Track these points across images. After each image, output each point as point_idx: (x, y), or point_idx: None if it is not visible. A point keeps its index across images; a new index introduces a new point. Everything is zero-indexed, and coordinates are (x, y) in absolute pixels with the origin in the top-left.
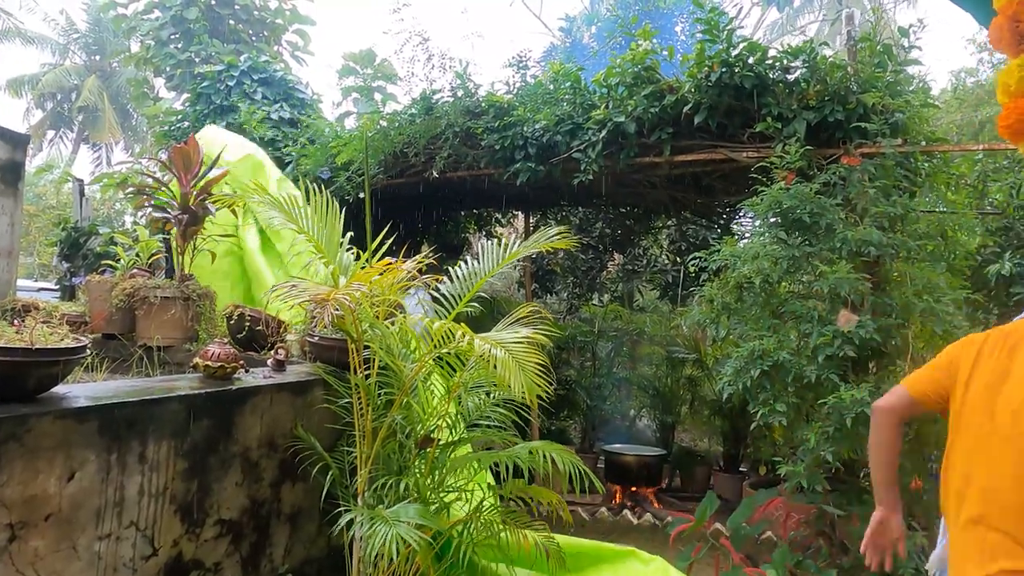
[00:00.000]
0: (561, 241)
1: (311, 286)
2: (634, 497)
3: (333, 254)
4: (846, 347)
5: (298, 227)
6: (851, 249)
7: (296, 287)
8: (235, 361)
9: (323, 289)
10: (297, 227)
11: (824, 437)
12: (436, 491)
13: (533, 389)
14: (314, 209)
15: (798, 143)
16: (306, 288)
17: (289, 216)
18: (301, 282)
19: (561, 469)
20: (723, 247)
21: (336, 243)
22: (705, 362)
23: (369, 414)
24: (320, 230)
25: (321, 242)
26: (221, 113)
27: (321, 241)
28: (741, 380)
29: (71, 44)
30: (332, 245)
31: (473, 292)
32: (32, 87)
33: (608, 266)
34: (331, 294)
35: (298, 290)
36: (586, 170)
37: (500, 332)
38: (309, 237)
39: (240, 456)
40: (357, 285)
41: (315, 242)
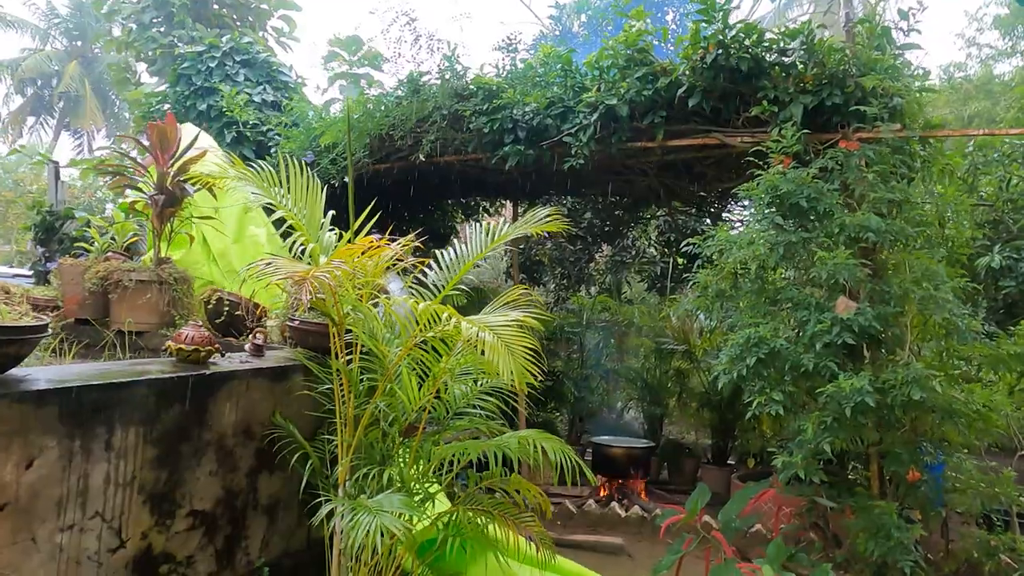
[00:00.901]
0: (551, 224)
1: (289, 264)
2: (622, 489)
3: (314, 233)
4: (844, 334)
5: (276, 203)
6: (849, 235)
7: (272, 265)
8: (210, 345)
9: (302, 267)
10: (275, 203)
11: (822, 427)
12: (420, 481)
13: (523, 374)
14: (294, 186)
15: (795, 127)
16: (282, 266)
17: (267, 191)
18: (277, 259)
19: (552, 459)
20: (718, 232)
21: (317, 222)
22: (694, 354)
23: (351, 401)
24: (301, 208)
25: (302, 220)
26: (202, 95)
27: (302, 220)
28: (736, 368)
29: (52, 29)
30: (313, 224)
31: (459, 275)
32: (12, 72)
33: (596, 257)
34: (310, 272)
35: (274, 268)
36: (577, 154)
37: (489, 315)
38: (288, 214)
39: (214, 444)
40: (338, 263)
41: (295, 220)
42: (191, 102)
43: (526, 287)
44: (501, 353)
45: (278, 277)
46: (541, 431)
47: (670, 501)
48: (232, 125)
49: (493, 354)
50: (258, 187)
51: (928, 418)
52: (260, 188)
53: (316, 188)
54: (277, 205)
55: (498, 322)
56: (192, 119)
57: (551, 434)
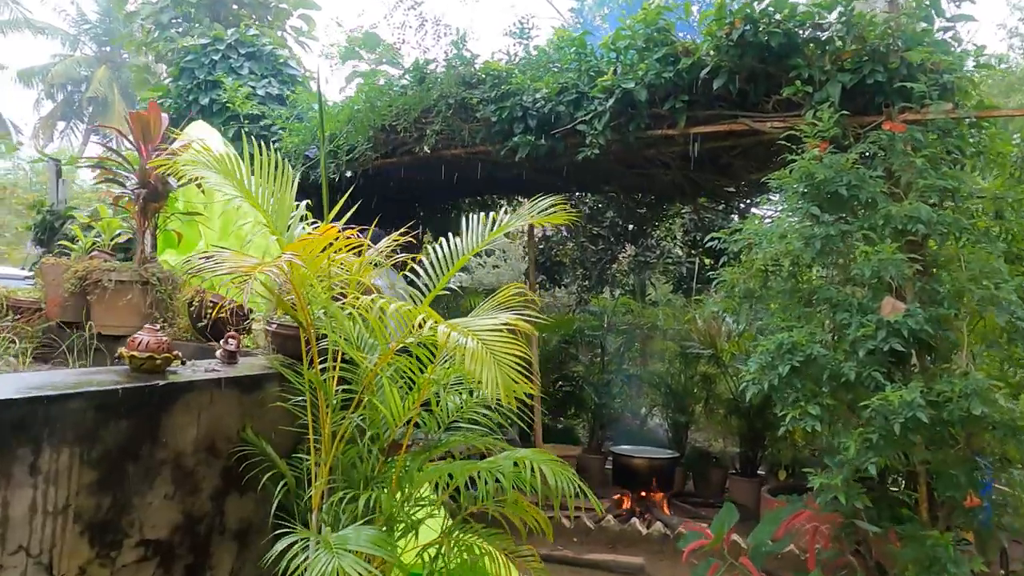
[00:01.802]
0: (557, 215)
1: (234, 258)
2: (644, 503)
3: (283, 223)
4: (891, 340)
5: (238, 187)
6: (895, 227)
7: (215, 258)
8: (167, 351)
9: (249, 261)
10: (236, 187)
11: (866, 445)
12: (402, 507)
13: (511, 386)
14: (259, 168)
15: (832, 109)
16: (226, 260)
17: (228, 173)
18: (221, 252)
19: (553, 485)
20: (746, 225)
21: (287, 210)
22: (721, 358)
23: (328, 416)
24: (267, 193)
25: (268, 208)
26: (206, 89)
27: (268, 207)
28: (767, 378)
29: (81, 35)
30: (282, 213)
31: (452, 273)
32: (43, 78)
33: (619, 258)
34: (256, 267)
35: (215, 261)
36: (591, 143)
37: (476, 318)
38: (251, 200)
39: (170, 464)
40: (289, 256)
41: (259, 206)
42: (194, 96)
43: (521, 285)
44: (485, 362)
45: (219, 273)
46: (540, 451)
47: (695, 515)
48: (235, 120)
49: (476, 363)
50: (217, 172)
51: (986, 435)
52: (218, 173)
53: (287, 177)
54: (241, 189)
55: (484, 326)
56: (195, 114)
57: (569, 443)
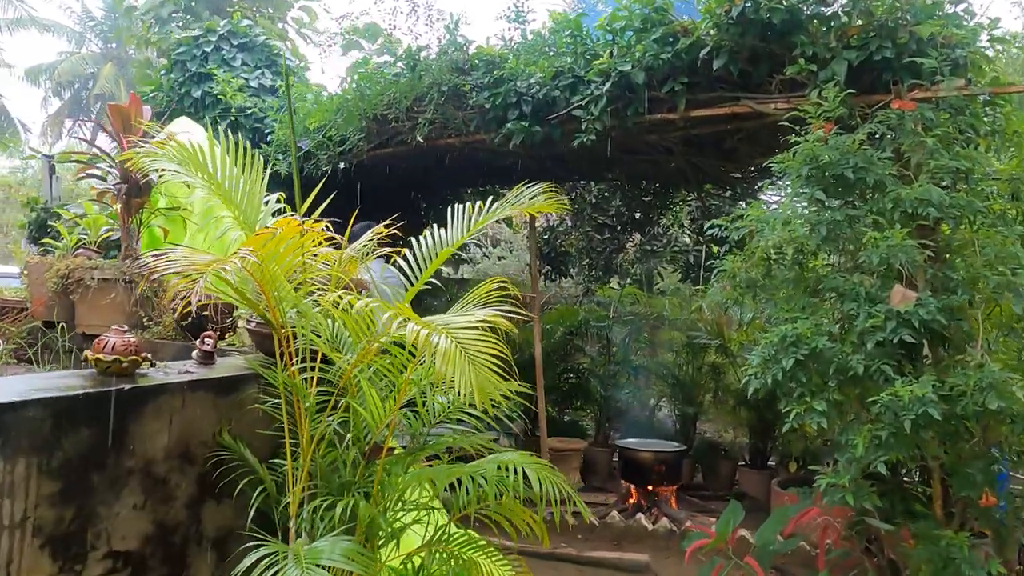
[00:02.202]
0: (546, 204)
1: (187, 255)
2: (651, 497)
3: (253, 216)
4: (901, 331)
5: (202, 173)
6: (905, 211)
7: (165, 256)
8: (135, 353)
9: (203, 258)
10: (202, 174)
11: (875, 443)
12: (384, 514)
13: (486, 388)
14: (224, 154)
15: (837, 87)
16: (178, 258)
17: (197, 166)
18: (174, 250)
19: (537, 489)
20: (748, 211)
21: (257, 201)
22: (729, 348)
23: (306, 419)
24: (235, 185)
25: (236, 198)
26: (198, 81)
27: (239, 200)
28: (770, 372)
29: (87, 32)
30: (252, 206)
31: (433, 267)
32: (50, 76)
33: (626, 247)
34: (210, 265)
35: (166, 259)
36: (588, 129)
37: (452, 315)
38: (218, 192)
39: (139, 472)
40: (245, 252)
41: (225, 199)
42: (186, 89)
43: (503, 278)
44: (457, 362)
45: (168, 272)
46: (527, 454)
47: (704, 509)
48: (228, 112)
49: (446, 363)
50: (180, 164)
51: (1003, 428)
52: (180, 165)
53: (257, 165)
54: (206, 177)
55: (457, 323)
56: (187, 107)
57: (576, 436)
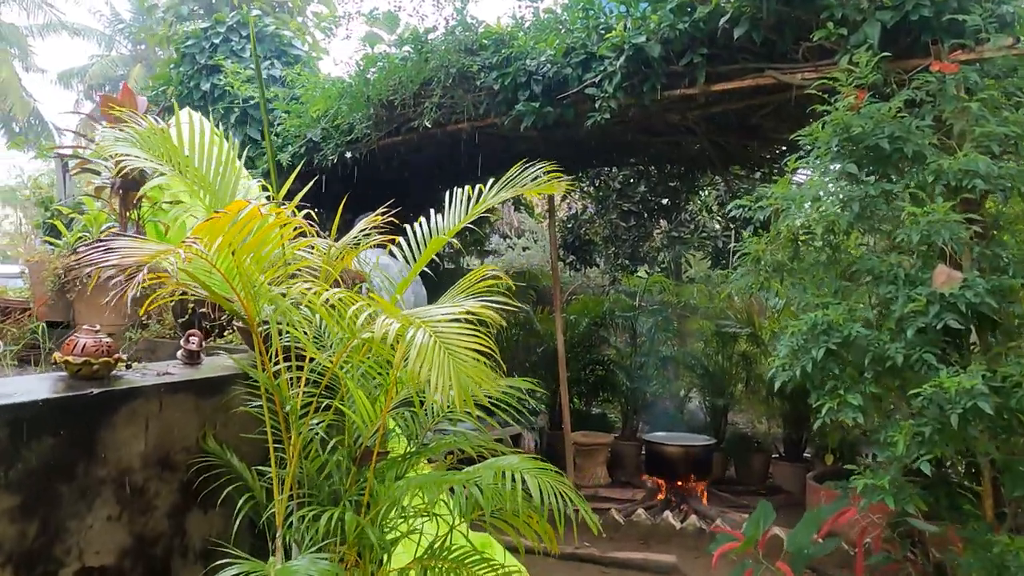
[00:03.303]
0: (548, 185)
1: (132, 245)
2: (680, 493)
3: (223, 200)
4: (946, 316)
5: (163, 157)
6: (948, 184)
7: (105, 246)
8: (107, 355)
9: (149, 248)
10: (162, 157)
11: (917, 440)
12: (374, 526)
13: (468, 387)
14: (191, 136)
15: (870, 52)
16: (121, 248)
17: (153, 142)
18: (119, 239)
19: (537, 500)
20: (773, 189)
21: (229, 191)
22: (760, 336)
23: (293, 423)
24: (202, 172)
25: (207, 181)
26: (207, 74)
27: (216, 185)
28: (799, 363)
29: (116, 34)
30: (225, 191)
31: (427, 255)
32: (81, 79)
33: (653, 234)
34: (158, 254)
35: (103, 250)
36: (602, 108)
37: (434, 307)
38: (182, 174)
39: (113, 481)
40: (191, 241)
41: (191, 187)
42: (195, 82)
43: (494, 266)
44: (436, 359)
45: (106, 264)
46: (531, 458)
47: (735, 505)
48: (236, 105)
49: (421, 361)
50: (137, 144)
51: None
52: (137, 147)
53: (230, 150)
54: (193, 178)
55: (439, 315)
56: (196, 100)
57: (602, 430)
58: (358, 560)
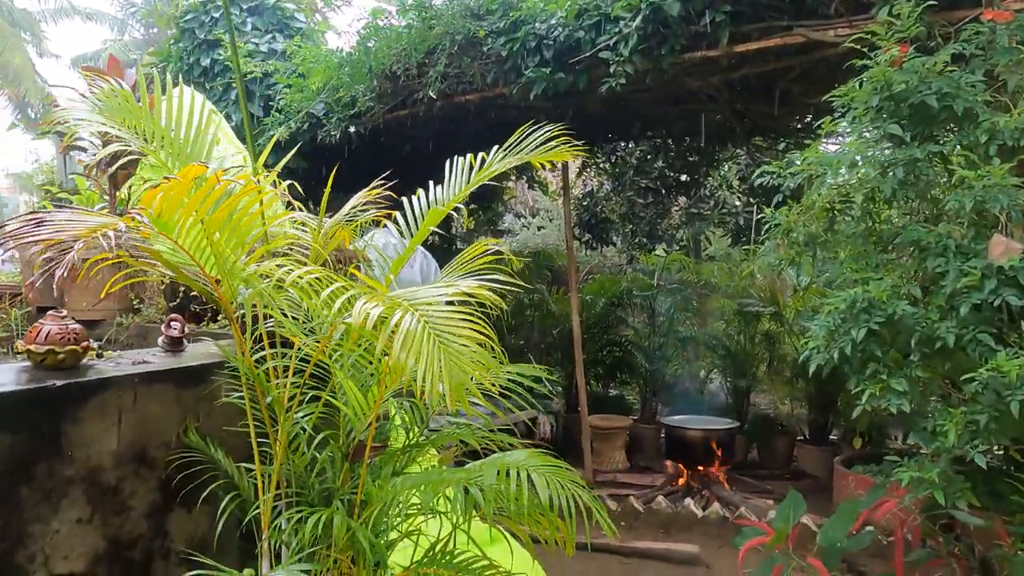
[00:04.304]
0: (559, 151)
1: (69, 217)
2: (701, 479)
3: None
4: (1004, 291)
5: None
6: (1003, 144)
7: (39, 219)
8: (74, 343)
9: (86, 222)
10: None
11: (971, 429)
12: (367, 528)
13: (462, 380)
14: (168, 104)
15: (912, 2)
16: (55, 221)
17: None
18: (57, 212)
19: (544, 499)
20: (805, 154)
21: (203, 150)
22: (785, 315)
23: (280, 415)
24: (173, 139)
25: (179, 146)
26: (207, 49)
27: (180, 145)
28: (837, 345)
29: (128, 18)
30: (196, 156)
31: (423, 232)
32: (95, 64)
33: (671, 211)
34: (97, 229)
35: (35, 224)
36: (616, 73)
37: (424, 288)
38: (152, 150)
39: (82, 481)
40: (136, 212)
41: (156, 156)
42: (195, 58)
43: (497, 241)
44: (422, 346)
45: (37, 239)
46: (539, 452)
47: (759, 490)
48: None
49: (407, 350)
50: (99, 111)
51: None
52: (100, 112)
53: (207, 114)
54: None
55: (428, 297)
56: (196, 77)
57: (620, 413)
58: (351, 566)
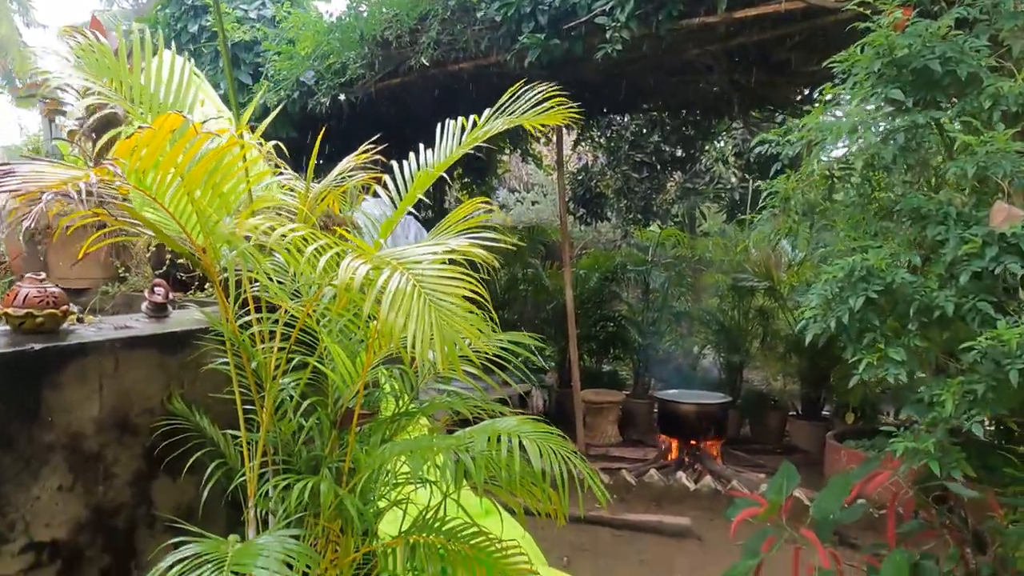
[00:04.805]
0: (553, 114)
1: (36, 168)
2: (693, 452)
3: None
4: (1006, 259)
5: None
6: (1007, 110)
7: (6, 171)
8: (54, 306)
9: (56, 173)
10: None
11: (968, 399)
12: (355, 496)
13: (454, 340)
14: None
15: None
16: (22, 172)
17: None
18: (22, 165)
19: (537, 467)
20: (804, 120)
21: (185, 109)
22: (779, 290)
23: (266, 381)
24: (155, 84)
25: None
26: (194, 15)
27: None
28: (834, 314)
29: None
30: (174, 106)
31: (412, 196)
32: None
33: (666, 187)
34: (65, 182)
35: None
36: (613, 39)
37: (412, 247)
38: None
39: (63, 448)
40: (109, 163)
41: (128, 106)
42: (182, 24)
43: (487, 200)
44: (412, 305)
45: (6, 189)
46: (530, 419)
47: (751, 464)
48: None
49: (396, 308)
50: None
51: None
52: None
53: (187, 75)
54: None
55: (418, 255)
56: (184, 43)
57: (613, 388)
58: (340, 535)
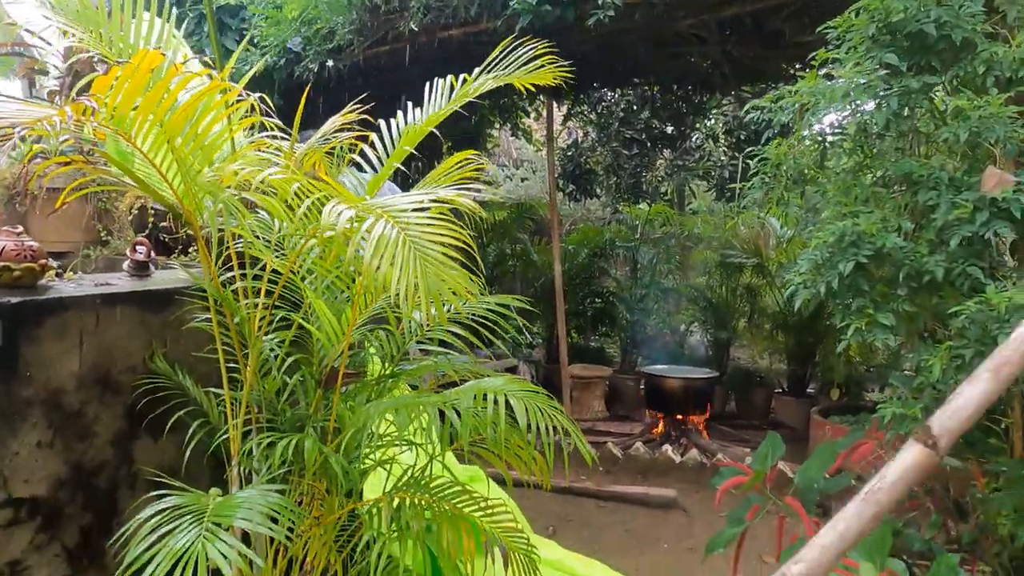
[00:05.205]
0: (541, 73)
1: (11, 108)
2: (679, 427)
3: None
4: (996, 224)
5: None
6: (1001, 75)
7: None
8: (31, 260)
9: (29, 112)
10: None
11: (955, 364)
12: (340, 454)
13: (440, 291)
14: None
15: None
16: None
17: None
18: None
19: (523, 422)
20: (799, 85)
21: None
22: (767, 267)
23: (250, 338)
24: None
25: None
26: None
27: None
28: (823, 279)
29: None
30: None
31: (400, 153)
32: None
33: (656, 164)
34: (37, 121)
35: None
36: (605, 4)
37: (399, 196)
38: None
39: (43, 404)
40: (85, 99)
41: (100, 48)
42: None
43: (476, 154)
44: (397, 252)
45: None
46: (516, 379)
47: (737, 439)
48: (214, 13)
49: (379, 256)
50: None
51: None
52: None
53: (168, 33)
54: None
55: (404, 204)
56: (169, 7)
57: (600, 363)
58: (327, 494)
